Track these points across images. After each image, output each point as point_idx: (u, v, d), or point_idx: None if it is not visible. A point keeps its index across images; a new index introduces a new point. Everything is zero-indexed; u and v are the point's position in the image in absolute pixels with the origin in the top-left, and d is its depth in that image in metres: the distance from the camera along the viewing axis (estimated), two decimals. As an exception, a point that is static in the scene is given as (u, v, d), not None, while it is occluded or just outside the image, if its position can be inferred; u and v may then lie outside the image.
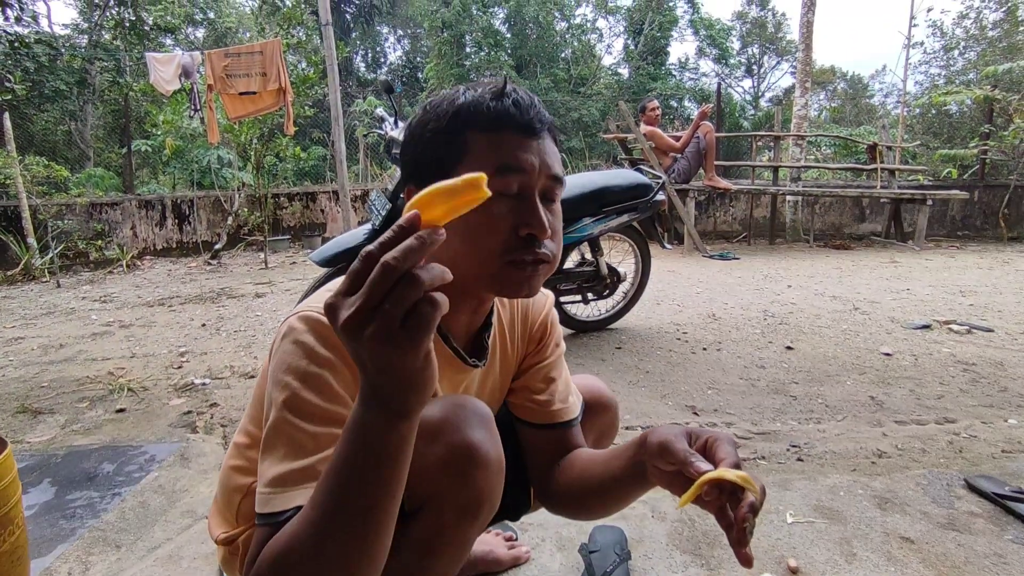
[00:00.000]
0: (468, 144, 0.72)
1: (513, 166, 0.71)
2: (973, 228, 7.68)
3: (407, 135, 0.80)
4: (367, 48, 22.84)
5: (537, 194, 0.73)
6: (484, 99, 0.73)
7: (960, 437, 2.05)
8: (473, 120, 0.72)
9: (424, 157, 0.76)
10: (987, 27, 15.29)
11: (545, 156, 0.74)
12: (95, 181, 8.56)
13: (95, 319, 3.86)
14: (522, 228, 0.71)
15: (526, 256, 0.72)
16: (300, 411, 0.66)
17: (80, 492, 1.61)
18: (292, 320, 0.71)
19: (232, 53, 4.95)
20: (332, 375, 0.67)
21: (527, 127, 0.73)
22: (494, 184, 0.68)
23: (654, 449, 0.70)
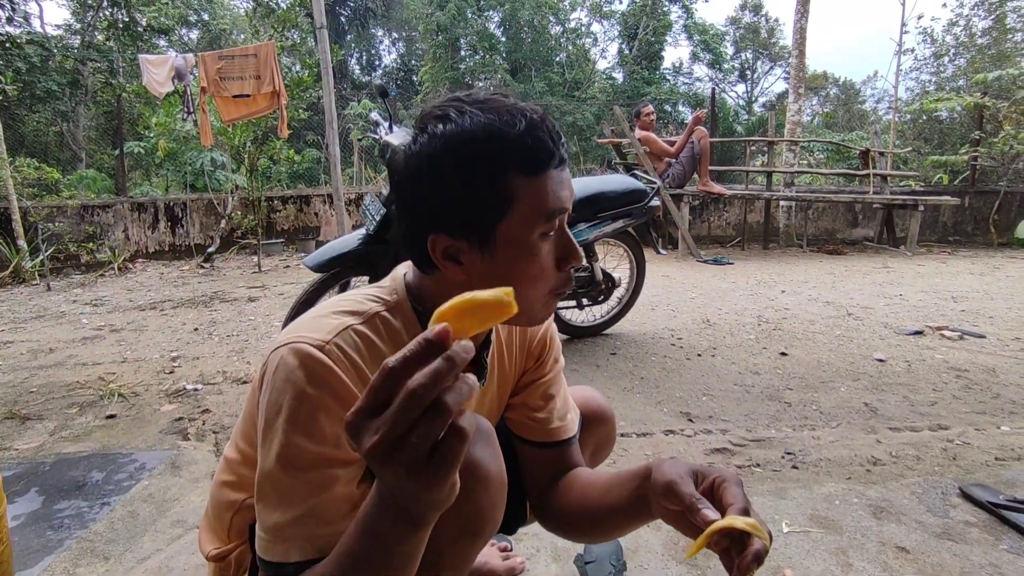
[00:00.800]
0: (515, 191, 0.66)
1: (562, 209, 0.69)
2: (964, 234, 7.74)
3: (417, 169, 0.69)
4: (362, 51, 22.83)
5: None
6: (524, 137, 0.66)
7: (954, 444, 2.05)
8: (518, 164, 0.66)
9: (459, 205, 0.67)
10: (976, 34, 15.45)
11: (570, 183, 0.72)
12: (87, 183, 8.50)
13: (86, 323, 3.83)
14: (563, 263, 0.71)
15: (566, 289, 0.73)
16: (290, 457, 0.65)
17: (68, 501, 1.59)
18: (283, 351, 0.68)
19: (226, 56, 4.93)
20: (323, 415, 0.66)
21: (562, 160, 0.70)
22: (544, 228, 0.68)
23: (659, 488, 0.68)
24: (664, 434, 2.17)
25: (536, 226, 0.68)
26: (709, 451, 2.04)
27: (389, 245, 2.46)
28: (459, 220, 0.68)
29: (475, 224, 0.67)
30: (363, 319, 0.73)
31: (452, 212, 0.68)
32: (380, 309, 0.75)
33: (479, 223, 0.67)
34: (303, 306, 2.43)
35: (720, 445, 2.07)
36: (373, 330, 0.72)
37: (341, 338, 0.69)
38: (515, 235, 0.67)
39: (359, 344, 0.70)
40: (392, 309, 0.76)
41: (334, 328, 0.70)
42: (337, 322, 0.71)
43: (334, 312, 0.74)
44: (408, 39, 23.12)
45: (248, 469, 0.83)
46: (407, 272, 0.81)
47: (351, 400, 0.66)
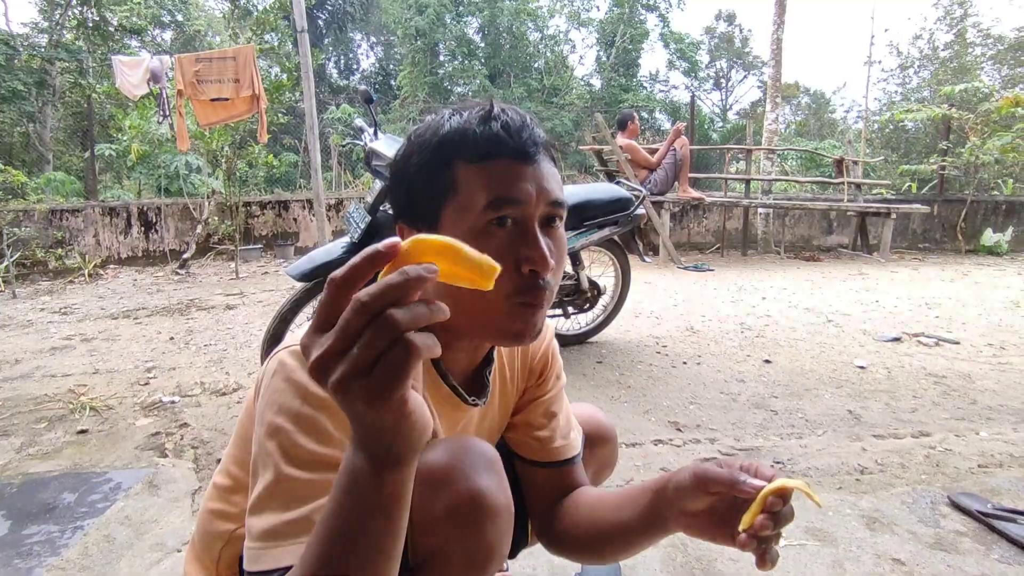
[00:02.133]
0: (457, 177, 0.66)
1: (507, 198, 0.64)
2: (933, 240, 7.95)
3: (392, 170, 0.73)
4: (340, 55, 22.65)
5: (537, 223, 0.67)
6: (471, 125, 0.67)
7: (936, 451, 2.08)
8: (460, 150, 0.66)
9: (411, 193, 0.70)
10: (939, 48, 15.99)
11: (543, 182, 0.67)
12: (55, 186, 8.23)
13: (54, 332, 3.69)
14: (524, 263, 0.65)
15: (531, 299, 0.66)
16: (293, 457, 0.61)
17: (38, 526, 1.51)
18: (283, 355, 0.66)
19: (203, 58, 4.81)
20: (327, 416, 0.62)
21: (520, 152, 0.66)
22: (487, 216, 0.64)
23: (687, 485, 0.67)
24: (653, 444, 2.17)
25: (476, 211, 0.64)
26: (699, 461, 2.04)
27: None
28: (413, 206, 0.70)
29: (424, 210, 0.68)
30: None
31: (409, 200, 0.70)
32: None
33: (427, 208, 0.68)
34: (287, 315, 2.37)
35: (709, 455, 2.07)
36: None
37: None
38: (457, 221, 0.66)
39: None
40: None
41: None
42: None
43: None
44: (386, 43, 23.00)
45: (241, 497, 0.79)
46: None
47: None
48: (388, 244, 0.41)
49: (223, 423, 2.29)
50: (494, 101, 0.70)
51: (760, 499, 0.60)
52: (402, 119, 16.93)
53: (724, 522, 0.66)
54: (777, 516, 0.60)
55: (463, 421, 0.84)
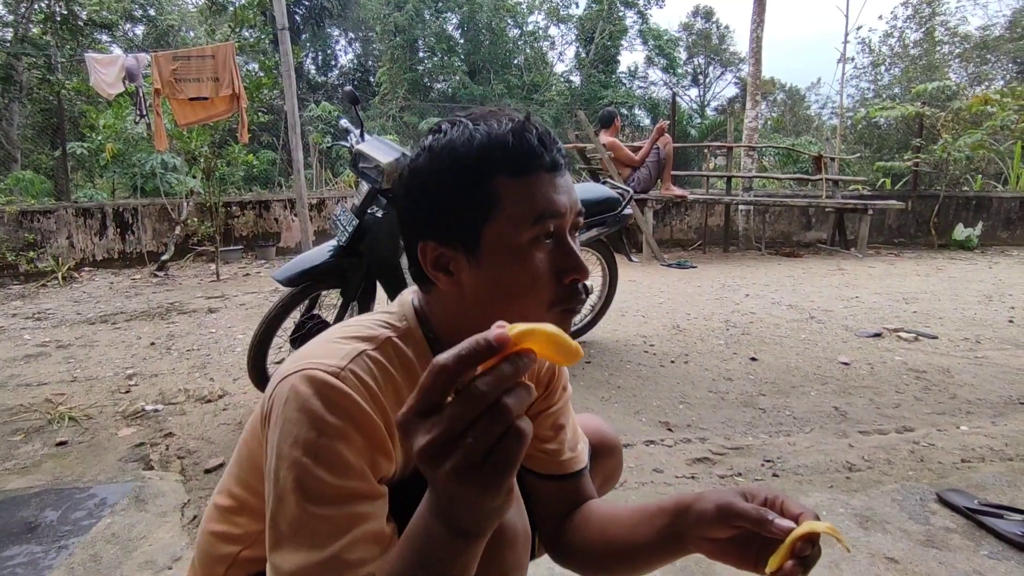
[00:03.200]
0: (499, 193, 0.64)
1: (552, 212, 0.65)
2: (908, 236, 8.13)
3: (410, 180, 0.70)
4: (318, 50, 22.33)
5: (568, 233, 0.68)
6: (507, 138, 0.65)
7: (920, 446, 2.13)
8: (500, 164, 0.64)
9: (445, 211, 0.67)
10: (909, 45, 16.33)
11: (571, 193, 0.68)
12: (24, 186, 7.98)
13: (28, 339, 3.58)
14: (566, 275, 0.66)
15: (574, 305, 0.69)
16: (313, 493, 0.59)
17: (19, 547, 1.46)
18: (295, 380, 0.63)
19: (182, 56, 4.68)
20: (345, 445, 0.61)
21: (555, 164, 0.66)
22: (533, 231, 0.64)
23: (710, 515, 0.66)
24: (645, 444, 2.18)
25: (523, 228, 0.64)
26: (691, 461, 2.06)
27: (361, 257, 2.39)
28: (446, 225, 0.67)
29: (461, 228, 0.66)
30: (375, 345, 0.69)
31: (439, 217, 0.67)
32: (391, 335, 0.72)
33: (464, 227, 0.66)
34: (273, 321, 2.33)
35: (701, 455, 2.09)
36: (385, 356, 0.69)
37: (356, 364, 0.65)
38: (501, 238, 0.65)
39: (373, 370, 0.66)
40: (403, 336, 0.73)
41: (348, 354, 0.66)
42: (350, 347, 0.67)
43: (344, 338, 0.70)
44: (365, 39, 22.74)
45: (246, 518, 0.77)
46: (414, 297, 0.78)
47: (372, 429, 0.63)
48: (501, 337, 0.41)
49: (209, 431, 2.25)
50: (529, 112, 0.69)
51: (788, 544, 0.59)
52: (382, 116, 16.77)
53: (747, 548, 0.65)
54: (806, 560, 0.59)
55: None
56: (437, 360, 0.42)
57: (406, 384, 0.70)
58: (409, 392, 0.70)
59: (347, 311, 2.55)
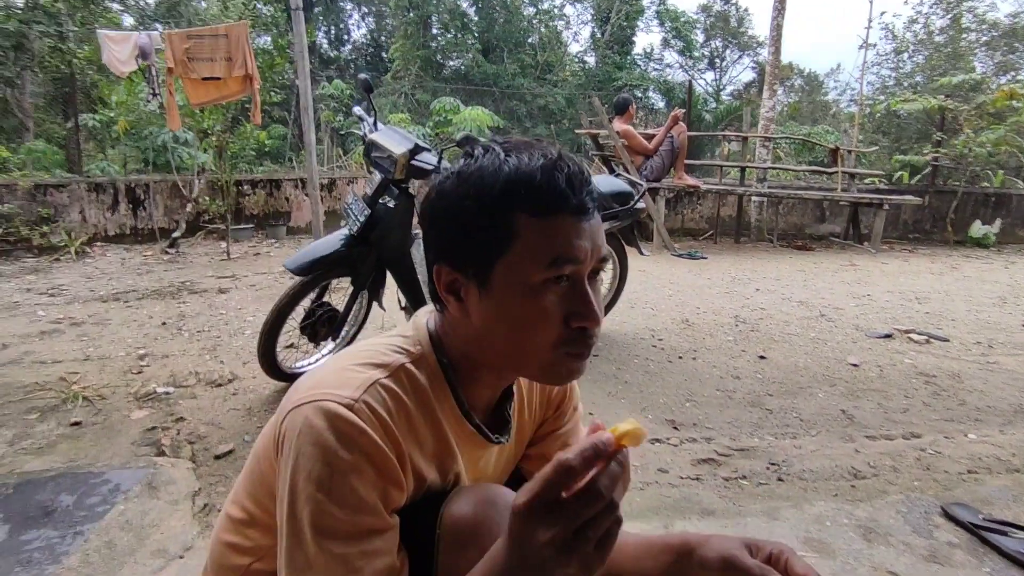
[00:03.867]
0: (519, 230, 0.64)
1: (569, 257, 0.64)
2: (923, 231, 8.02)
3: (435, 201, 0.70)
4: (330, 25, 22.05)
5: (587, 279, 0.67)
6: (535, 175, 0.64)
7: (927, 453, 2.13)
8: (524, 201, 0.64)
9: (463, 238, 0.67)
10: (934, 32, 15.90)
11: (596, 238, 0.67)
12: (36, 157, 7.99)
13: (42, 315, 3.61)
14: (575, 320, 0.66)
15: (580, 350, 0.68)
16: (327, 529, 0.61)
17: (37, 531, 1.49)
18: (309, 412, 0.63)
19: (195, 35, 4.63)
20: (357, 480, 0.62)
21: (581, 209, 0.65)
22: (546, 274, 0.64)
23: (713, 563, 0.67)
24: (651, 443, 2.18)
25: (536, 269, 0.64)
26: (696, 461, 2.06)
27: (372, 247, 2.39)
28: (462, 251, 0.67)
29: (476, 257, 0.66)
30: (389, 372, 0.70)
31: (457, 243, 0.68)
32: (405, 361, 0.72)
33: (479, 257, 0.66)
34: (284, 308, 2.34)
35: (706, 455, 2.10)
36: (399, 384, 0.70)
37: (369, 395, 0.66)
38: (513, 275, 0.65)
39: (387, 400, 0.67)
40: (416, 361, 0.73)
41: (361, 383, 0.66)
42: (364, 376, 0.68)
43: (358, 364, 0.70)
44: (378, 14, 22.42)
45: (257, 532, 0.78)
46: (429, 319, 0.79)
47: (384, 462, 0.64)
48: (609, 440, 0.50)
49: (219, 416, 2.27)
50: (558, 149, 0.67)
51: None
52: (393, 93, 16.59)
53: None
54: None
55: (483, 458, 0.83)
56: (562, 460, 0.49)
57: (418, 412, 0.71)
58: (422, 420, 0.71)
59: (357, 300, 2.56)
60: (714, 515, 1.66)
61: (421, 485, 0.72)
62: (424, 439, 0.72)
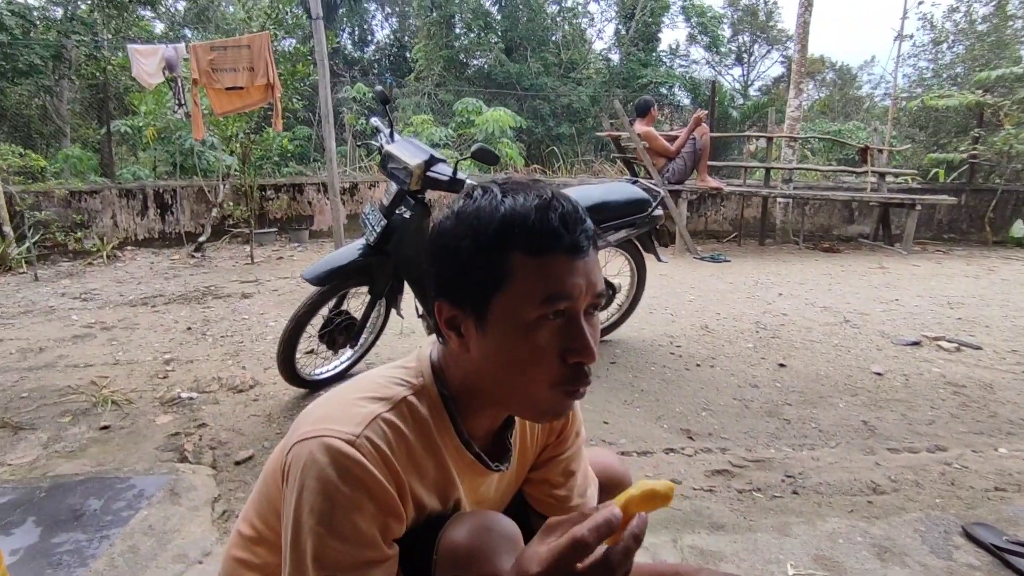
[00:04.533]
0: (514, 269, 0.66)
1: (562, 294, 0.66)
2: (959, 231, 7.76)
3: (435, 239, 0.73)
4: (354, 26, 22.30)
5: (582, 315, 0.68)
6: (529, 215, 0.66)
7: (952, 468, 2.07)
8: (519, 241, 0.66)
9: (461, 276, 0.70)
10: (976, 21, 15.34)
11: (590, 275, 0.68)
12: (72, 163, 8.28)
13: (75, 319, 3.75)
14: (570, 355, 0.67)
15: (576, 387, 0.70)
16: (327, 563, 0.64)
17: (67, 534, 1.56)
18: (313, 447, 0.67)
19: (218, 46, 4.76)
20: (358, 514, 0.65)
21: (575, 247, 0.67)
22: (540, 311, 0.66)
23: None
24: (665, 453, 2.17)
25: (530, 306, 0.66)
26: (710, 472, 2.05)
27: (389, 256, 2.42)
28: (460, 289, 0.70)
29: (473, 295, 0.68)
30: (391, 406, 0.73)
31: (455, 280, 0.70)
32: (407, 394, 0.75)
33: (476, 294, 0.68)
34: (302, 318, 2.39)
35: (720, 466, 2.08)
36: (400, 418, 0.72)
37: (371, 430, 0.69)
38: (509, 312, 0.67)
39: (388, 435, 0.70)
40: (418, 393, 0.76)
41: (363, 419, 0.69)
42: (366, 411, 0.71)
43: (361, 398, 0.73)
44: (401, 14, 22.60)
45: (265, 550, 0.82)
46: (433, 351, 0.81)
47: (384, 497, 0.67)
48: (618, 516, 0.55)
49: (240, 423, 2.33)
50: (552, 190, 0.70)
51: None
52: (417, 93, 16.71)
53: None
54: None
55: (484, 485, 0.85)
56: (576, 536, 0.53)
57: (419, 443, 0.73)
58: (423, 451, 0.73)
59: (375, 308, 2.60)
60: (723, 529, 1.64)
61: (421, 513, 0.75)
62: (425, 469, 0.74)
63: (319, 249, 6.26)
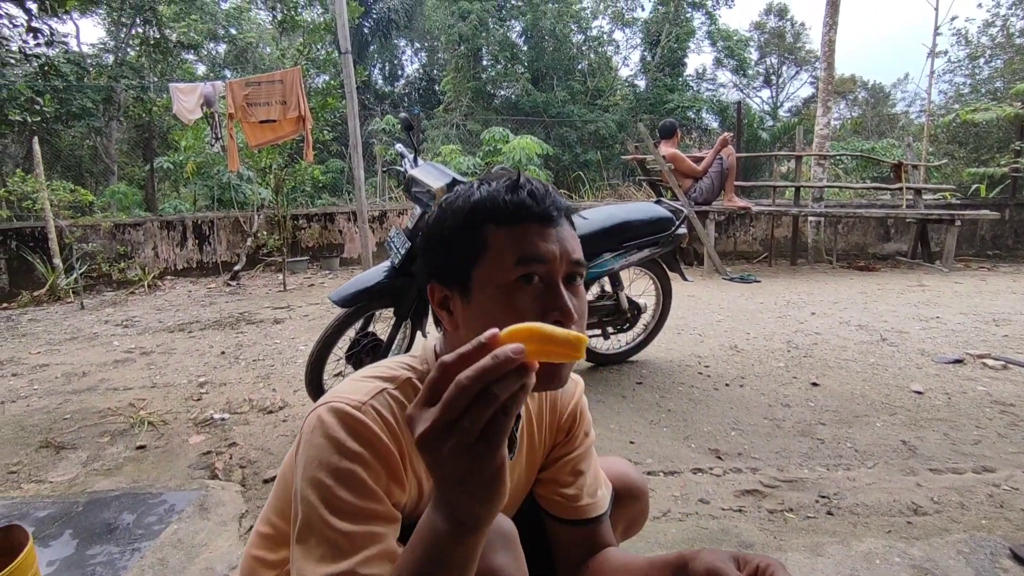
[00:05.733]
0: (487, 239, 0.72)
1: (535, 256, 0.71)
2: (1004, 248, 7.48)
3: (424, 233, 0.80)
4: (384, 61, 23.08)
5: (561, 281, 0.72)
6: (499, 192, 0.73)
7: (1000, 490, 1.97)
8: (491, 214, 0.72)
9: (444, 255, 0.76)
10: (1014, 35, 15.01)
11: (564, 243, 0.73)
12: (118, 198, 8.74)
13: (117, 345, 3.90)
14: (550, 315, 0.70)
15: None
16: (335, 509, 0.66)
17: (101, 547, 1.61)
18: (321, 411, 0.71)
19: (253, 82, 5.02)
20: (364, 470, 0.68)
21: (545, 216, 0.73)
22: (514, 272, 0.70)
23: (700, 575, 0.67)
24: (692, 472, 2.12)
25: (506, 269, 0.70)
26: (740, 492, 1.99)
27: (414, 278, 2.46)
28: (445, 268, 0.75)
29: (456, 270, 0.73)
30: (396, 384, 0.77)
31: (441, 261, 0.76)
32: (411, 376, 0.79)
33: (459, 269, 0.73)
34: (329, 339, 2.44)
35: (751, 486, 2.02)
36: (404, 395, 0.76)
37: (376, 400, 0.73)
38: (488, 278, 0.71)
39: (392, 407, 0.74)
40: (421, 377, 0.80)
41: (370, 391, 0.74)
42: (372, 386, 0.75)
43: (369, 377, 0.78)
44: (430, 49, 23.31)
45: (282, 547, 0.84)
46: (436, 342, 0.85)
47: (388, 458, 0.70)
48: (489, 335, 0.50)
49: (269, 442, 2.38)
50: (521, 172, 0.76)
51: None
52: (445, 124, 17.13)
53: None
54: None
55: None
56: (443, 358, 0.50)
57: None
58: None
59: (400, 329, 2.64)
60: (752, 548, 1.59)
61: (420, 494, 0.77)
62: None
63: (349, 275, 6.39)
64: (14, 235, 6.09)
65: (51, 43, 7.27)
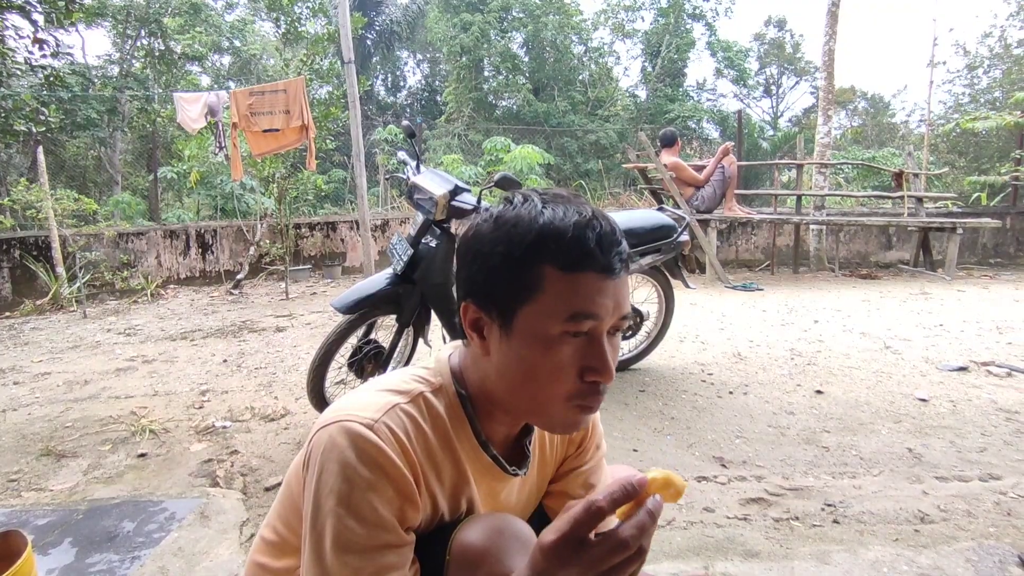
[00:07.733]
0: (544, 282, 0.66)
1: (589, 314, 0.66)
2: (1006, 256, 7.47)
3: (470, 241, 0.73)
4: (387, 72, 23.25)
5: (605, 336, 0.69)
6: (567, 231, 0.66)
7: (1007, 497, 1.95)
8: (553, 255, 0.66)
9: (491, 281, 0.70)
10: (1011, 45, 15.11)
11: (620, 297, 0.68)
12: (122, 208, 8.77)
13: (119, 353, 3.90)
14: (588, 373, 0.68)
15: (590, 403, 0.70)
16: (345, 543, 0.65)
17: (100, 555, 1.59)
18: (333, 430, 0.68)
19: (256, 91, 5.06)
20: (375, 496, 0.66)
21: (608, 268, 0.67)
22: (566, 327, 0.66)
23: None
24: (697, 481, 2.11)
25: (556, 321, 0.66)
26: (744, 501, 1.97)
27: (416, 285, 2.46)
28: (489, 293, 0.70)
29: (501, 301, 0.69)
30: (408, 399, 0.74)
31: (485, 284, 0.70)
32: (424, 390, 0.77)
33: (505, 301, 0.68)
34: (331, 346, 2.43)
35: (756, 495, 2.00)
36: (417, 410, 0.74)
37: (389, 417, 0.70)
38: (534, 324, 0.67)
39: (405, 424, 0.71)
40: (435, 391, 0.77)
41: (382, 407, 0.71)
42: (384, 400, 0.72)
43: (380, 390, 0.75)
44: (432, 60, 23.49)
45: (287, 554, 0.83)
46: (452, 354, 0.83)
47: (401, 481, 0.68)
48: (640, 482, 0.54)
49: (271, 450, 2.37)
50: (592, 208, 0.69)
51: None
52: (447, 135, 17.21)
53: None
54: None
55: (504, 491, 0.85)
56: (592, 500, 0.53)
57: (435, 438, 0.74)
58: (438, 446, 0.74)
59: (402, 336, 2.63)
60: (758, 557, 1.57)
61: (435, 510, 0.75)
62: (440, 465, 0.75)
63: (351, 284, 6.39)
64: (18, 244, 6.12)
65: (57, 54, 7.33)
